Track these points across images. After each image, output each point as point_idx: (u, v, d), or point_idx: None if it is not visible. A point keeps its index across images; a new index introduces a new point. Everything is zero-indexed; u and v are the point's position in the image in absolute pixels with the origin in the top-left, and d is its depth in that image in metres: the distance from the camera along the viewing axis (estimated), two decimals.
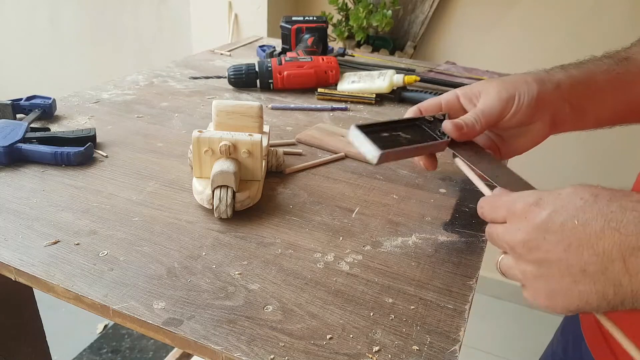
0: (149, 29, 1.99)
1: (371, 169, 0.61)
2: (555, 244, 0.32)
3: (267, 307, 0.38)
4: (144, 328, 0.37)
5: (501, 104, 0.47)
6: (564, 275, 0.32)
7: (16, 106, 0.68)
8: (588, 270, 0.31)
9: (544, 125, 0.49)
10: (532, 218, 0.33)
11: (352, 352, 0.35)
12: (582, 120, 0.50)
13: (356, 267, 0.43)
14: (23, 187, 0.52)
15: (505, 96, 0.47)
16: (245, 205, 0.49)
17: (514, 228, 0.35)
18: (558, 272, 0.32)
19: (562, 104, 0.48)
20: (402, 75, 0.86)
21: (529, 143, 0.51)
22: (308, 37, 0.98)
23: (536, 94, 0.47)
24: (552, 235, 0.32)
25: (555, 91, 0.48)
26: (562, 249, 0.31)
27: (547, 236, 0.32)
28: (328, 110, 0.80)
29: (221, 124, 0.52)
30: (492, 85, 0.48)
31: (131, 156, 0.60)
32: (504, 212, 0.36)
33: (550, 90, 0.48)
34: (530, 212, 0.34)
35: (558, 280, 0.32)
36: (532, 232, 0.33)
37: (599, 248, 0.30)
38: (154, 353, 1.55)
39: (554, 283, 0.32)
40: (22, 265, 0.41)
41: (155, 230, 0.47)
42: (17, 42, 2.31)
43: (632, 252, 0.29)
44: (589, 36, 1.40)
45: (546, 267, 0.33)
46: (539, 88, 0.47)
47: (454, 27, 1.57)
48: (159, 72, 0.94)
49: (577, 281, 0.31)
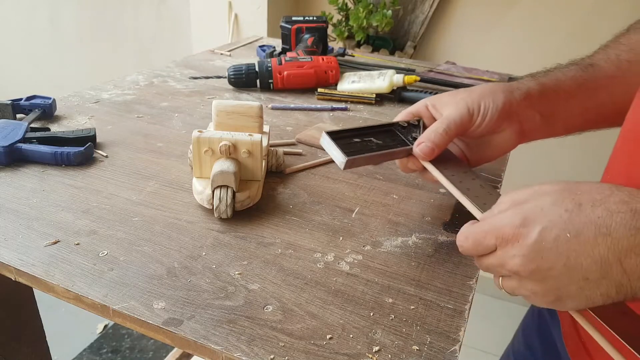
0: (149, 29, 1.99)
1: (371, 169, 0.61)
2: (554, 260, 0.32)
3: (267, 307, 0.38)
4: (144, 328, 0.37)
5: (467, 114, 0.47)
6: (570, 284, 0.32)
7: (16, 106, 0.68)
8: (590, 278, 0.32)
9: (512, 133, 0.49)
10: (524, 240, 0.33)
11: (352, 352, 0.35)
12: (552, 128, 0.51)
13: (356, 267, 0.43)
14: (23, 187, 0.52)
15: (471, 106, 0.48)
16: (245, 205, 0.49)
17: (509, 255, 0.34)
18: (563, 284, 0.33)
19: (532, 113, 0.49)
20: (402, 75, 0.86)
21: (497, 151, 0.51)
22: (308, 37, 0.98)
23: (501, 104, 0.47)
24: (548, 253, 0.32)
25: (524, 100, 0.49)
26: (562, 264, 0.32)
27: (544, 255, 0.33)
28: (328, 110, 0.80)
29: (221, 124, 0.52)
30: (459, 96, 0.49)
31: (131, 156, 0.60)
32: (492, 241, 0.35)
33: (518, 99, 0.48)
34: (520, 235, 0.34)
35: (565, 289, 0.33)
36: (529, 254, 0.33)
37: (596, 255, 0.31)
38: (154, 353, 1.55)
39: (562, 291, 0.33)
40: (22, 265, 0.41)
41: (155, 230, 0.47)
42: (17, 42, 2.31)
43: (627, 254, 0.30)
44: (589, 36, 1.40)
45: (552, 281, 0.33)
46: (506, 97, 0.48)
47: (454, 27, 1.57)
48: (159, 72, 0.94)
49: (582, 287, 0.32)
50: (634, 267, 0.30)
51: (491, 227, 0.36)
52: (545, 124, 0.50)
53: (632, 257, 0.30)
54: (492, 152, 0.52)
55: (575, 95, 0.51)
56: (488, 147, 0.51)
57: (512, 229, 0.34)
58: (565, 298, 0.33)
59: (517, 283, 0.35)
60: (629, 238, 0.30)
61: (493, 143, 0.51)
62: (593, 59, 0.53)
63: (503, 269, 0.35)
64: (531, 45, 1.49)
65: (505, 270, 0.35)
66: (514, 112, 0.48)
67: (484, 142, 0.51)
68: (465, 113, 0.47)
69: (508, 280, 0.36)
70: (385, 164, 0.63)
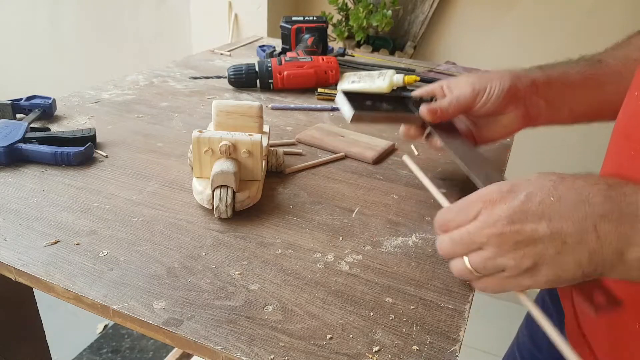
0: (149, 29, 1.99)
1: (371, 169, 0.61)
2: (537, 221, 0.34)
3: (267, 307, 0.38)
4: (144, 328, 0.37)
5: (473, 93, 0.52)
6: (549, 247, 0.34)
7: (16, 106, 0.68)
8: (568, 242, 0.34)
9: (517, 116, 0.53)
10: (511, 202, 0.36)
11: (352, 352, 0.35)
12: (557, 114, 0.55)
13: (356, 267, 0.43)
14: (23, 187, 0.52)
15: (478, 87, 0.52)
16: (245, 205, 0.49)
17: (494, 216, 0.36)
18: (543, 247, 0.34)
19: (537, 99, 0.53)
20: (402, 75, 0.86)
21: (502, 132, 0.55)
22: (308, 37, 0.98)
23: (507, 87, 0.52)
24: (533, 215, 0.35)
25: (530, 87, 0.53)
26: (545, 225, 0.34)
27: (529, 216, 0.35)
28: (328, 110, 0.80)
29: (221, 124, 0.52)
30: (470, 78, 0.54)
31: (131, 156, 0.60)
32: (478, 206, 0.37)
33: (524, 85, 0.53)
34: (507, 197, 0.36)
35: (544, 252, 0.34)
36: (514, 214, 0.35)
37: (575, 219, 0.34)
38: (154, 353, 1.55)
39: (540, 256, 0.35)
40: (22, 265, 0.41)
41: (155, 230, 0.47)
42: (17, 42, 2.31)
43: (601, 220, 0.33)
44: (589, 36, 1.40)
45: (532, 245, 0.34)
46: (512, 82, 0.52)
47: (454, 27, 1.57)
48: (159, 72, 0.94)
49: (559, 252, 0.34)
50: (607, 233, 0.33)
51: (478, 196, 0.38)
52: (550, 110, 0.54)
53: (606, 223, 0.33)
54: (498, 132, 0.55)
55: (581, 87, 0.54)
56: (494, 127, 0.55)
57: (500, 193, 0.37)
58: (541, 265, 0.35)
59: (491, 253, 0.36)
60: (604, 204, 0.33)
61: (499, 123, 0.54)
62: (602, 56, 0.56)
63: (482, 234, 0.36)
64: (531, 46, 1.49)
65: (483, 236, 0.36)
66: (519, 96, 0.52)
67: (490, 121, 0.55)
68: (470, 92, 0.52)
69: (478, 255, 0.37)
70: (386, 163, 0.63)
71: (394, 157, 0.65)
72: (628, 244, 0.33)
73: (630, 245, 0.33)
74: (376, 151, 0.64)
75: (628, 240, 0.33)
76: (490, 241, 0.36)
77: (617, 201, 0.34)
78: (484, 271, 0.37)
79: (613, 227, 0.33)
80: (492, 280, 0.37)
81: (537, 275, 0.35)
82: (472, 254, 0.37)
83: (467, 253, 0.37)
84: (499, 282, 0.37)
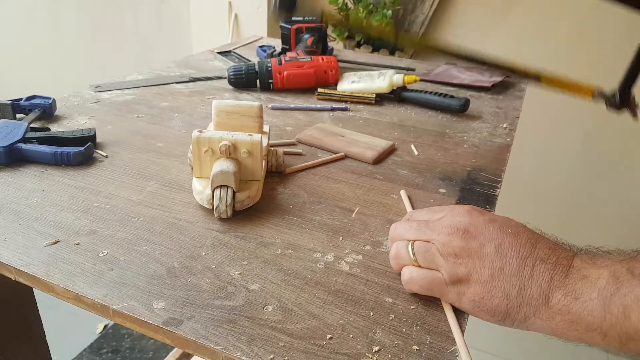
0: (149, 29, 1.99)
1: (371, 169, 0.61)
2: (488, 240, 0.37)
3: (267, 307, 0.38)
4: (144, 328, 0.37)
5: None
6: (487, 267, 0.36)
7: (16, 106, 0.68)
8: (505, 270, 0.36)
9: None
10: (475, 219, 0.39)
11: (352, 352, 0.35)
12: None
13: (356, 267, 0.43)
14: (23, 187, 0.52)
15: None
16: (245, 205, 0.49)
17: (455, 220, 0.39)
18: (483, 264, 0.37)
19: None
20: (402, 75, 0.86)
21: None
22: (308, 37, 0.98)
23: None
24: (488, 234, 0.37)
25: None
26: (494, 245, 0.37)
27: (484, 234, 0.38)
28: (328, 110, 0.80)
29: (221, 123, 0.52)
30: None
31: (131, 156, 0.60)
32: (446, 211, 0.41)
33: None
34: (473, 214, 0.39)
35: (481, 271, 0.36)
36: (476, 223, 0.38)
37: (520, 255, 0.36)
38: (154, 353, 1.55)
39: (475, 272, 0.37)
40: (22, 265, 0.41)
41: (155, 230, 0.47)
42: (17, 42, 2.31)
43: (540, 262, 0.36)
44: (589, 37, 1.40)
45: (476, 257, 0.37)
46: None
47: (454, 27, 1.57)
48: (159, 72, 0.94)
49: (494, 276, 0.36)
50: (540, 273, 0.35)
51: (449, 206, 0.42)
52: None
53: (542, 264, 0.36)
54: None
55: None
56: None
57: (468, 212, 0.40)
58: (472, 282, 0.37)
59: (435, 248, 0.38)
60: (545, 251, 0.36)
61: None
62: None
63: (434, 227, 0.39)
64: (531, 46, 1.49)
65: (436, 230, 0.39)
66: None
67: None
68: None
69: (424, 243, 0.39)
70: (386, 163, 0.63)
71: (394, 157, 0.65)
72: (556, 288, 0.35)
73: (557, 289, 0.34)
74: (376, 151, 0.64)
75: (557, 285, 0.35)
76: (440, 238, 0.38)
77: (557, 253, 0.36)
78: (420, 258, 0.39)
79: (548, 269, 0.35)
80: (421, 273, 0.39)
81: (464, 291, 0.37)
82: (419, 241, 0.40)
83: (416, 239, 0.40)
84: (427, 278, 0.38)
